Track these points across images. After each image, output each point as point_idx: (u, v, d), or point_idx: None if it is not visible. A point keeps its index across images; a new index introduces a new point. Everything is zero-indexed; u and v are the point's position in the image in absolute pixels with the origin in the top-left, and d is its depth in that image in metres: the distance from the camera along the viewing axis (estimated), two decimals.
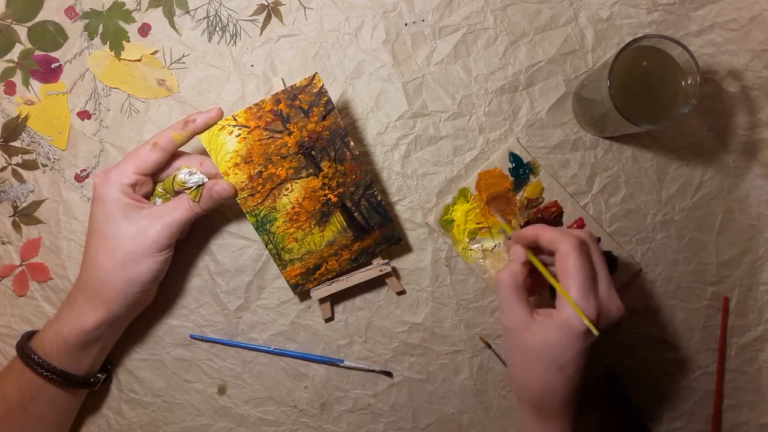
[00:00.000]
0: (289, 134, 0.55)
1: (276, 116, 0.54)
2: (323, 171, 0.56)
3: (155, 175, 0.55)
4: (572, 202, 0.62)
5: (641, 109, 0.53)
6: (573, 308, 0.46)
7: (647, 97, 0.54)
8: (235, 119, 0.54)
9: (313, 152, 0.56)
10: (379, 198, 0.58)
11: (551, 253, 0.49)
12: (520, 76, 0.62)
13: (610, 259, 0.62)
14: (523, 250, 0.52)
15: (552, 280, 0.49)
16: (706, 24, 0.61)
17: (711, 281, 0.62)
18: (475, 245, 0.62)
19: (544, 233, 0.50)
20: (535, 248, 0.52)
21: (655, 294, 0.62)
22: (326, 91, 0.54)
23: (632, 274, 0.62)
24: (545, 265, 0.51)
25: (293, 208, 0.57)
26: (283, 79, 0.59)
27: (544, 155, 0.62)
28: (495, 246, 0.62)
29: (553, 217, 0.62)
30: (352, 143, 0.56)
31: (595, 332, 0.45)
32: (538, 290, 0.59)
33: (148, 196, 0.56)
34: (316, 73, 0.53)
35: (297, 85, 0.54)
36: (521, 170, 0.61)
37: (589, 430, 0.51)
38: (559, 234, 0.49)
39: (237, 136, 0.54)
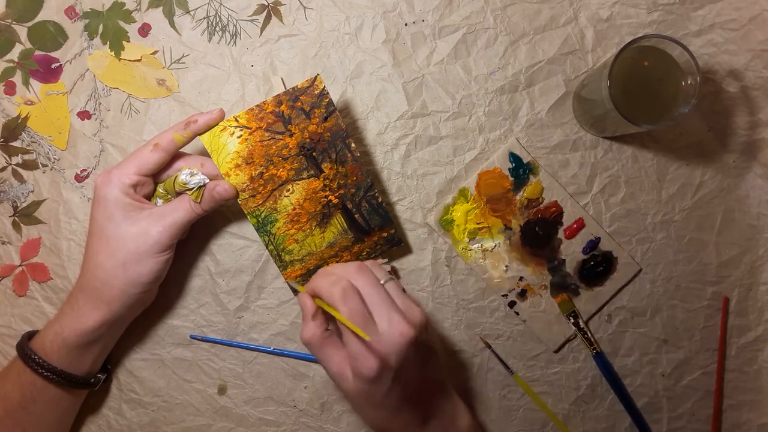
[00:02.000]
0: (291, 135, 0.55)
1: (277, 117, 0.54)
2: (324, 172, 0.56)
3: (156, 175, 0.55)
4: (572, 202, 0.62)
5: (641, 109, 0.53)
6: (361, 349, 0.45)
7: (647, 97, 0.54)
8: (236, 120, 0.54)
9: (314, 153, 0.56)
10: (380, 200, 0.58)
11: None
12: (520, 76, 0.62)
13: (610, 259, 0.62)
14: (311, 303, 0.48)
15: (341, 318, 0.45)
16: (706, 24, 0.61)
17: (711, 281, 0.63)
18: (475, 245, 0.62)
19: (313, 284, 0.48)
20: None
21: (655, 294, 0.63)
22: (328, 93, 0.54)
23: (632, 274, 0.62)
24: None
25: (294, 209, 0.57)
26: (282, 79, 0.59)
27: (544, 155, 0.62)
28: (495, 246, 0.62)
29: (553, 217, 0.62)
30: (353, 145, 0.56)
31: (367, 337, 0.43)
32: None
33: (149, 196, 0.56)
34: (317, 74, 0.53)
35: (298, 87, 0.54)
36: (521, 170, 0.61)
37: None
38: (327, 283, 0.46)
39: (238, 137, 0.54)
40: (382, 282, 0.48)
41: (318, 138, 0.55)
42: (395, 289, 0.49)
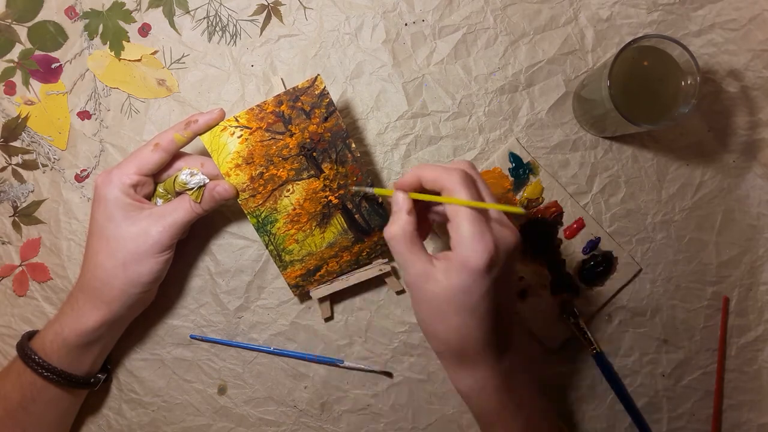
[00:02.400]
0: (291, 136, 0.55)
1: (278, 117, 0.54)
2: (324, 172, 0.56)
3: (157, 175, 0.55)
4: (572, 202, 0.62)
5: (641, 109, 0.53)
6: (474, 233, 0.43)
7: (647, 97, 0.54)
8: (236, 120, 0.54)
9: (314, 154, 0.56)
10: (380, 200, 0.58)
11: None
12: (520, 76, 0.62)
13: (611, 259, 0.62)
14: (405, 195, 0.47)
15: (448, 199, 0.45)
16: (706, 24, 0.61)
17: (711, 281, 0.63)
18: None
19: (425, 173, 0.46)
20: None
21: (655, 294, 0.63)
22: (328, 93, 0.54)
23: (632, 274, 0.62)
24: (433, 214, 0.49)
25: (294, 209, 0.57)
26: (282, 79, 0.59)
27: (544, 155, 0.62)
28: None
29: (553, 217, 0.62)
30: (353, 145, 0.56)
31: (521, 210, 0.42)
32: (426, 235, 0.55)
33: (150, 196, 0.56)
34: (318, 74, 0.53)
35: (299, 87, 0.54)
36: (521, 170, 0.61)
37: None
38: (442, 170, 0.45)
39: (239, 137, 0.54)
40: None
41: (318, 138, 0.55)
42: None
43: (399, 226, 0.46)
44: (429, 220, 0.53)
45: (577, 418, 0.63)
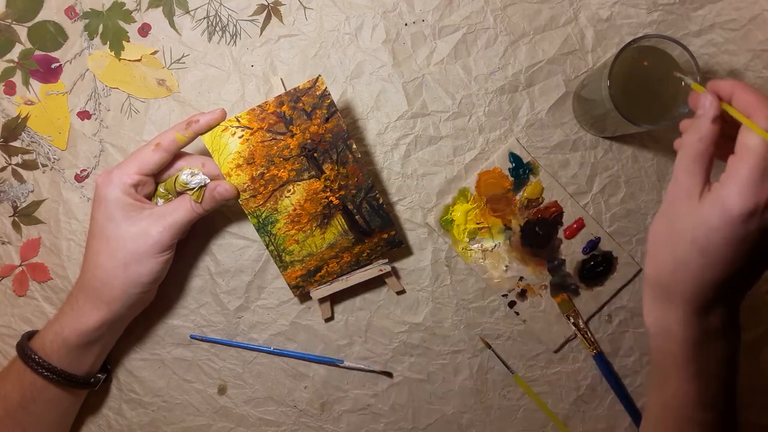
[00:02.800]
0: (292, 136, 0.55)
1: (279, 118, 0.54)
2: (325, 173, 0.56)
3: (157, 175, 0.55)
4: (572, 202, 0.62)
5: (641, 109, 0.53)
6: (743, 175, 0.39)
7: (647, 97, 0.54)
8: (238, 120, 0.54)
9: (315, 154, 0.56)
10: (381, 201, 0.58)
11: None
12: (520, 76, 0.62)
13: (610, 259, 0.62)
14: (716, 101, 0.42)
15: (748, 122, 0.40)
16: (706, 24, 0.61)
17: None
18: (475, 245, 0.62)
19: (741, 94, 0.41)
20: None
21: None
22: (329, 94, 0.54)
23: (632, 274, 0.62)
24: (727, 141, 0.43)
25: (295, 209, 0.57)
26: (282, 80, 0.59)
27: (544, 155, 0.62)
28: (495, 246, 0.62)
29: (553, 217, 0.62)
30: (354, 146, 0.56)
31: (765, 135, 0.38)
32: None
33: (150, 196, 0.56)
34: (319, 75, 0.53)
35: (300, 88, 0.54)
36: (521, 170, 0.61)
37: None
38: (762, 101, 0.40)
39: (240, 137, 0.54)
40: None
41: (319, 139, 0.55)
42: None
43: (698, 133, 0.42)
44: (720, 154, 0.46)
45: (577, 418, 0.63)
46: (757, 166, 0.39)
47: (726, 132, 0.43)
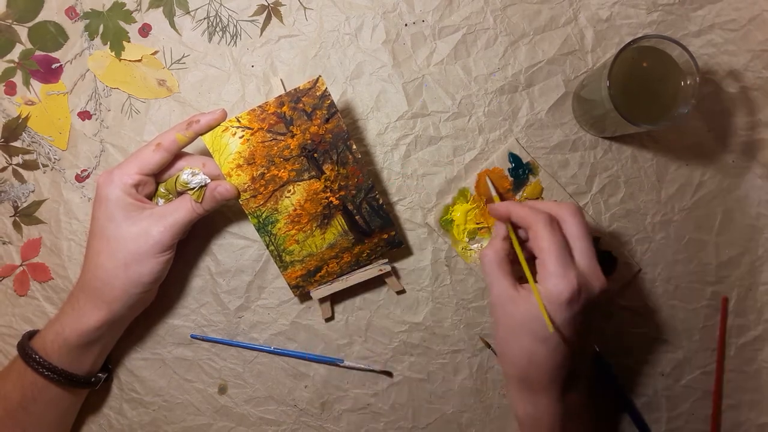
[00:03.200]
0: (292, 137, 0.55)
1: (279, 118, 0.54)
2: (325, 174, 0.56)
3: (158, 175, 0.55)
4: None
5: (641, 109, 0.53)
6: (544, 288, 0.47)
7: (647, 97, 0.54)
8: (238, 121, 0.54)
9: (315, 155, 0.56)
10: (381, 201, 0.58)
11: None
12: (519, 76, 0.62)
13: (610, 259, 0.62)
14: (504, 227, 0.53)
15: (522, 259, 0.51)
16: (705, 24, 0.61)
17: (710, 281, 0.63)
18: (475, 245, 0.62)
19: (515, 211, 0.51)
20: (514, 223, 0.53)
21: (655, 294, 0.63)
22: (329, 95, 0.54)
23: (632, 274, 0.62)
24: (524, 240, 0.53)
25: (295, 210, 0.57)
26: (282, 80, 0.59)
27: (544, 155, 0.62)
28: None
29: None
30: (354, 146, 0.56)
31: (550, 328, 0.45)
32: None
33: (151, 196, 0.56)
34: (319, 76, 0.53)
35: (300, 88, 0.54)
36: (521, 170, 0.61)
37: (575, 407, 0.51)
38: (529, 212, 0.50)
39: (240, 137, 0.54)
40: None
41: (319, 139, 0.55)
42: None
43: (493, 249, 0.52)
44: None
45: None
46: (559, 258, 0.47)
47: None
